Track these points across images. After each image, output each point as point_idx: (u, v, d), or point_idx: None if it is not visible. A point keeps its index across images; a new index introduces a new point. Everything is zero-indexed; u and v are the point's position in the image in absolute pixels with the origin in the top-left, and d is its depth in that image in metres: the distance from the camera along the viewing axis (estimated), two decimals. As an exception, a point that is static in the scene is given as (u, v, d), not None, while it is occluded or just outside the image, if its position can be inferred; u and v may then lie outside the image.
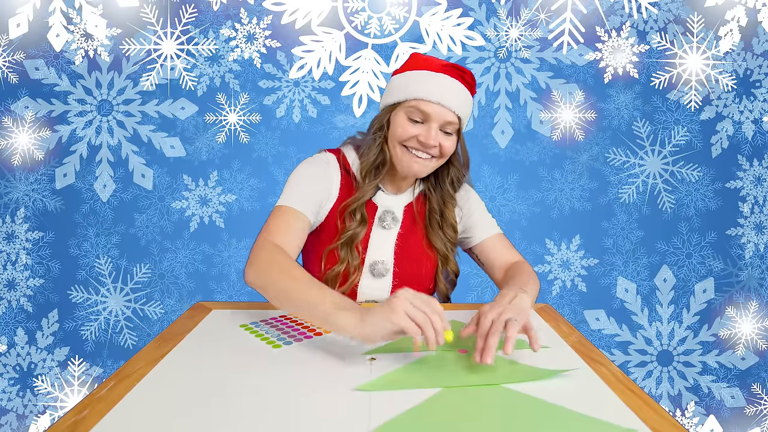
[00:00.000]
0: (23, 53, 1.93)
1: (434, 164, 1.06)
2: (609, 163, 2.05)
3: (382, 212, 1.10)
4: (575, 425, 0.61)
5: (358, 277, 1.08)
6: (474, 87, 1.06)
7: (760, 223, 2.10)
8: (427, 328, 0.70)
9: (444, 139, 1.02)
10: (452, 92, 1.00)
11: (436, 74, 1.01)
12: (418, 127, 1.01)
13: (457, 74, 1.02)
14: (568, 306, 2.10)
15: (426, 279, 1.14)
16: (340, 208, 1.07)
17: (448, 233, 1.14)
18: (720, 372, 2.13)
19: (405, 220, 1.13)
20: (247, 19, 1.95)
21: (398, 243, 1.11)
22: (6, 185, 1.99)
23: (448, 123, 1.01)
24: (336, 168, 1.10)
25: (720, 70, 2.02)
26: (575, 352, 0.84)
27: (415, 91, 1.00)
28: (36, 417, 2.05)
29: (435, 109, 0.99)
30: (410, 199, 1.14)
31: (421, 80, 1.01)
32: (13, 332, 2.03)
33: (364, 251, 1.09)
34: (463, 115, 1.03)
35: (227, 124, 2.00)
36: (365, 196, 1.06)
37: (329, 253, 1.07)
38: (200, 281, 2.04)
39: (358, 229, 1.06)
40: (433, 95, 0.99)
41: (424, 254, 1.13)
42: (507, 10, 1.98)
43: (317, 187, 1.05)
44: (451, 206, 1.14)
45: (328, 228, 1.09)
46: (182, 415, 0.61)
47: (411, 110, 1.01)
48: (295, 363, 0.77)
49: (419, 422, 0.61)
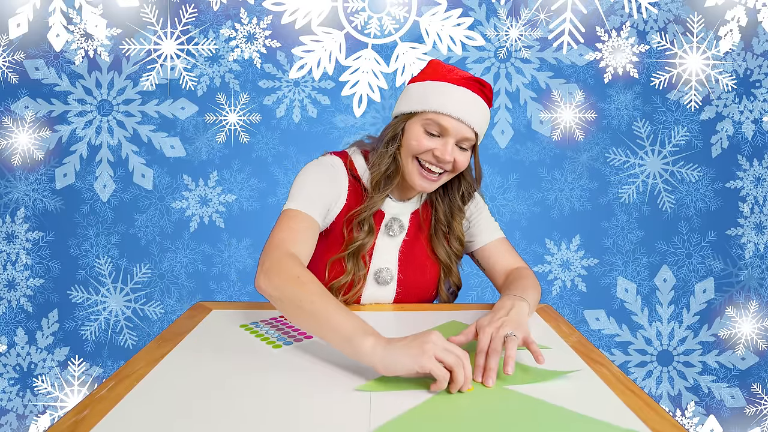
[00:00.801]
0: (23, 53, 1.93)
1: (444, 179, 1.03)
2: (609, 163, 2.05)
3: (389, 220, 1.08)
4: (575, 426, 0.61)
5: (362, 286, 1.06)
6: (491, 101, 1.03)
7: (760, 223, 2.10)
8: (459, 371, 0.66)
9: (459, 155, 0.99)
10: (472, 108, 0.97)
11: (458, 87, 0.97)
12: (435, 140, 0.98)
13: (478, 88, 0.99)
14: (568, 306, 2.10)
15: (429, 286, 1.13)
16: (348, 217, 1.04)
17: (454, 245, 1.12)
18: (720, 372, 2.13)
19: (410, 227, 1.11)
20: (247, 19, 1.95)
21: (402, 250, 1.09)
22: (6, 185, 1.99)
23: (465, 139, 0.98)
24: (343, 172, 1.06)
25: (720, 70, 2.02)
26: (575, 353, 0.84)
27: (435, 103, 0.96)
28: (36, 417, 2.05)
29: (454, 125, 0.96)
30: (417, 206, 1.12)
31: (441, 92, 0.97)
32: (13, 332, 2.03)
33: (369, 259, 1.07)
34: (480, 132, 1.00)
35: (227, 124, 2.00)
36: (375, 207, 1.03)
37: (335, 263, 1.04)
38: (200, 281, 2.04)
39: (366, 239, 1.03)
40: (454, 110, 0.95)
41: (428, 261, 1.12)
42: (507, 10, 1.98)
43: (325, 190, 1.01)
44: (459, 219, 1.12)
45: (334, 234, 1.06)
46: (182, 415, 0.61)
47: (428, 123, 0.97)
48: (296, 363, 0.77)
49: (419, 423, 0.61)
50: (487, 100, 1.01)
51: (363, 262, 1.04)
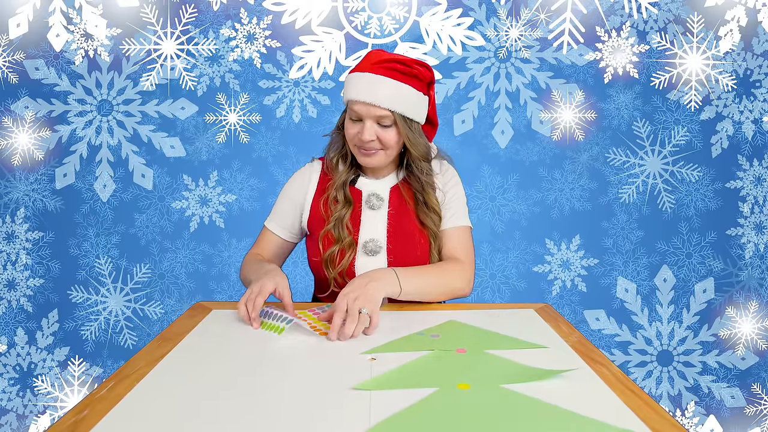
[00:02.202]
0: (23, 53, 1.93)
1: (385, 156, 1.12)
2: (609, 163, 2.05)
3: (367, 195, 1.18)
4: (573, 426, 0.61)
5: (352, 256, 1.14)
6: (412, 75, 1.08)
7: (760, 223, 2.10)
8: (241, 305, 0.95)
9: (382, 132, 1.08)
10: (377, 89, 1.06)
11: (364, 74, 1.07)
12: (357, 125, 1.10)
13: (387, 69, 1.07)
14: (568, 306, 2.10)
15: (421, 255, 1.17)
16: (322, 200, 1.18)
17: (433, 217, 1.18)
18: (720, 372, 2.13)
19: (393, 200, 1.18)
20: (247, 19, 1.95)
21: (390, 222, 1.16)
22: (6, 185, 1.99)
23: (380, 117, 1.07)
24: (318, 171, 1.22)
25: (720, 70, 2.02)
26: (575, 352, 0.84)
27: (348, 93, 1.09)
28: (36, 417, 2.05)
29: (363, 108, 1.07)
30: (395, 182, 1.20)
31: (351, 82, 1.09)
32: (13, 332, 2.03)
33: (356, 231, 1.16)
34: (394, 108, 1.06)
35: (227, 124, 2.00)
36: (340, 179, 1.16)
37: (324, 238, 1.15)
38: (200, 281, 2.04)
39: (343, 210, 1.15)
40: (360, 95, 1.06)
41: (417, 231, 1.17)
42: (507, 10, 1.98)
43: (287, 205, 1.22)
44: (430, 190, 1.17)
45: (317, 225, 1.18)
46: (182, 415, 0.61)
47: (350, 111, 1.10)
48: (295, 363, 0.78)
49: (416, 421, 0.61)
50: (402, 75, 1.07)
51: (347, 230, 1.15)
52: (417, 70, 1.09)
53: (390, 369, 0.75)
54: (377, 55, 1.10)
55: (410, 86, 1.08)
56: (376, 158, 1.12)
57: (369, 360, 0.79)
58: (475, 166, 2.03)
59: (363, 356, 0.80)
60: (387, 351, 0.82)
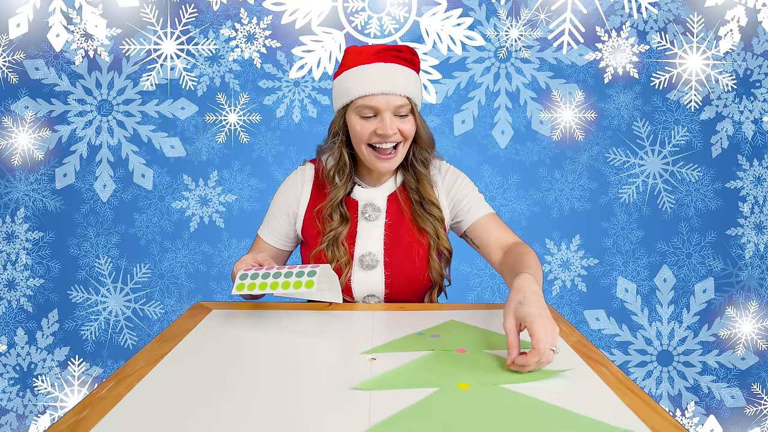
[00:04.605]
0: (23, 53, 1.93)
1: (400, 153, 1.07)
2: (609, 163, 2.05)
3: (363, 206, 1.12)
4: (573, 426, 0.61)
5: (349, 272, 1.09)
6: (413, 61, 1.06)
7: (760, 223, 2.10)
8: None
9: (401, 123, 1.04)
10: (391, 76, 1.01)
11: (371, 65, 1.02)
12: (373, 121, 1.03)
13: (391, 56, 1.03)
14: (568, 306, 2.10)
15: (419, 267, 1.12)
16: (315, 212, 1.12)
17: (433, 211, 1.13)
18: (720, 372, 2.13)
19: (391, 210, 1.13)
20: (247, 19, 1.95)
21: (387, 233, 1.11)
22: (6, 185, 1.99)
23: (399, 107, 1.02)
24: (308, 178, 1.16)
25: (720, 70, 2.02)
26: (575, 352, 0.84)
27: (357, 89, 1.02)
28: (36, 417, 2.05)
29: (381, 101, 1.01)
30: (393, 189, 1.15)
31: (357, 77, 1.02)
32: (13, 332, 2.03)
33: (352, 246, 1.11)
34: (411, 95, 1.03)
35: (227, 124, 2.00)
36: (337, 198, 1.10)
37: (316, 257, 1.10)
38: (200, 281, 2.04)
39: (340, 228, 1.10)
40: (375, 87, 1.00)
41: (415, 241, 1.12)
42: (507, 10, 1.98)
43: (279, 213, 1.16)
44: (426, 182, 1.13)
45: (310, 232, 1.14)
46: (182, 415, 0.61)
47: (360, 109, 1.03)
48: (295, 363, 0.78)
49: (416, 421, 0.61)
50: (407, 63, 1.05)
51: (343, 247, 1.09)
52: (411, 55, 1.06)
53: (390, 369, 0.75)
54: (369, 48, 1.05)
55: (414, 71, 1.06)
56: (395, 160, 1.07)
57: (369, 360, 0.79)
58: (475, 166, 2.03)
59: (363, 356, 0.80)
60: (387, 351, 0.82)
